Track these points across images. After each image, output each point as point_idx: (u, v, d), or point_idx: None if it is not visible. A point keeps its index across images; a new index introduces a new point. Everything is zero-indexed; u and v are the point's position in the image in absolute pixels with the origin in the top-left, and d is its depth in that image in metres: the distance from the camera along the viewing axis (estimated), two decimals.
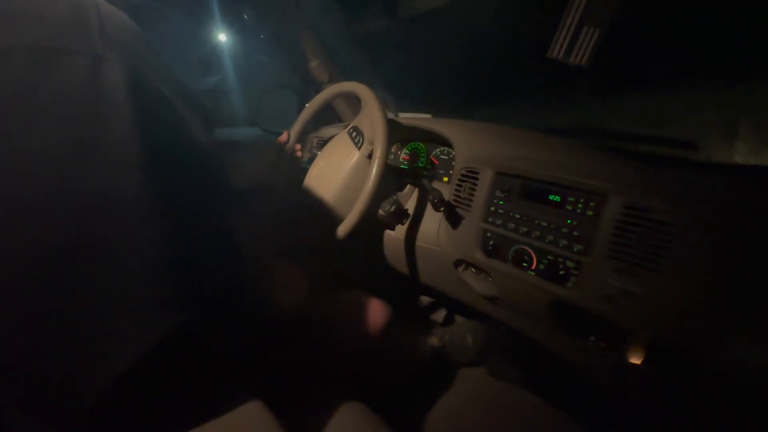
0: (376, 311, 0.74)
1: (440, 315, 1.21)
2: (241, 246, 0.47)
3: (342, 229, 0.69)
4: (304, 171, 0.86)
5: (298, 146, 0.91)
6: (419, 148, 0.97)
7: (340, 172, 0.75)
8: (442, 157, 0.93)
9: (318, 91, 0.88)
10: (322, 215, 0.77)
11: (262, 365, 0.54)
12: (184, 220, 0.32)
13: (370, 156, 0.67)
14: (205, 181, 0.36)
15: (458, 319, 1.21)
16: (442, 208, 0.70)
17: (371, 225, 0.87)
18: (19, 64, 0.26)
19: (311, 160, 0.87)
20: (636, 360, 0.55)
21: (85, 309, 0.27)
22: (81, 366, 0.28)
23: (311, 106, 0.87)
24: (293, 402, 0.56)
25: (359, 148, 0.72)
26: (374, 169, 0.65)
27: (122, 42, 0.30)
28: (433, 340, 1.07)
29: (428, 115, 1.07)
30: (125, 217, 0.28)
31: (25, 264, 0.26)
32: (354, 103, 1.13)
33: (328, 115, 1.14)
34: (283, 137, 0.89)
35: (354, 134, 0.75)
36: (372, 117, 0.67)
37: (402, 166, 1.00)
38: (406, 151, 1.01)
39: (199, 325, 0.37)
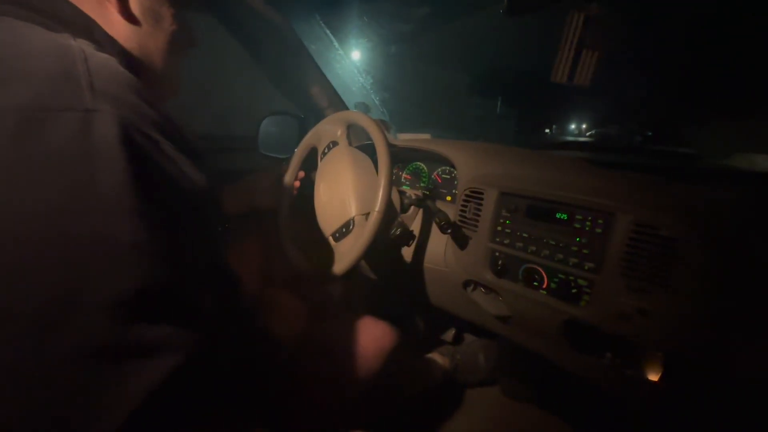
0: (380, 334, 0.73)
1: (450, 334, 1.20)
2: (238, 278, 0.47)
3: (338, 269, 0.68)
4: (304, 197, 0.86)
5: (302, 173, 0.91)
6: (420, 168, 0.98)
7: (348, 185, 0.74)
8: (444, 176, 0.93)
9: (318, 117, 0.89)
10: (318, 244, 0.77)
11: (265, 395, 0.53)
12: (179, 259, 0.32)
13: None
14: (199, 219, 0.36)
15: (468, 337, 1.20)
16: (449, 231, 0.70)
17: (378, 249, 0.87)
18: (11, 125, 0.26)
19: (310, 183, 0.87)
20: (654, 377, 0.55)
21: (80, 359, 0.27)
22: (80, 419, 0.27)
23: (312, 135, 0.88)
24: (302, 429, 0.55)
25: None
26: (373, 218, 0.65)
27: (112, 93, 0.31)
28: (444, 361, 1.05)
29: (427, 135, 1.09)
30: (120, 262, 0.28)
31: (19, 318, 0.26)
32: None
33: None
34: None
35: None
36: (378, 158, 0.68)
37: (404, 187, 1.01)
38: (408, 172, 1.01)
39: (199, 360, 0.37)
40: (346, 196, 0.73)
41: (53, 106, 0.28)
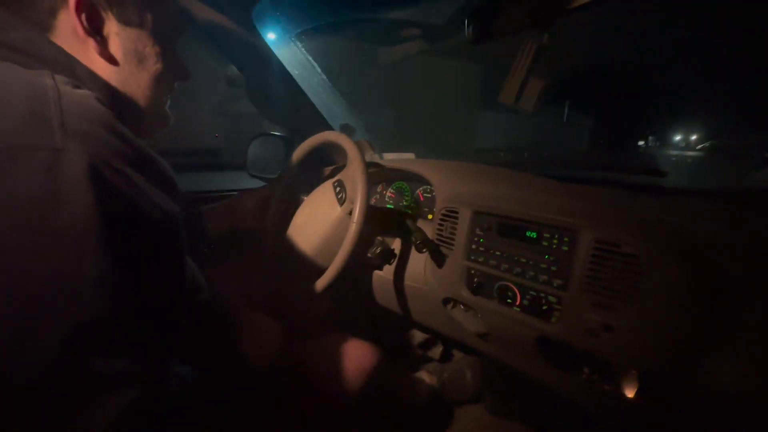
0: (362, 353, 0.73)
1: (437, 351, 1.19)
2: (212, 301, 0.48)
3: (320, 284, 0.70)
4: (289, 218, 0.88)
5: (285, 195, 0.93)
6: (403, 187, 1.00)
7: (321, 225, 0.77)
8: (426, 194, 0.95)
9: (304, 138, 0.91)
10: (302, 265, 0.78)
11: (245, 419, 0.53)
12: (142, 292, 0.33)
13: (350, 214, 0.70)
14: (169, 249, 0.37)
15: (456, 354, 1.20)
16: (424, 250, 0.72)
17: (359, 267, 0.88)
18: None
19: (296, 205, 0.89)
20: (630, 393, 0.55)
21: (42, 390, 0.27)
22: None
23: (297, 155, 0.90)
24: None
25: (341, 205, 0.75)
26: (352, 231, 0.67)
27: (83, 130, 0.31)
28: (432, 379, 1.05)
29: (411, 155, 1.11)
30: (79, 297, 0.29)
31: None
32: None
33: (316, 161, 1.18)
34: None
35: (338, 189, 0.77)
36: (354, 176, 0.70)
37: (388, 206, 1.02)
38: (392, 190, 1.03)
39: (171, 388, 0.37)
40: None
41: (22, 146, 0.28)
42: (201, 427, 0.43)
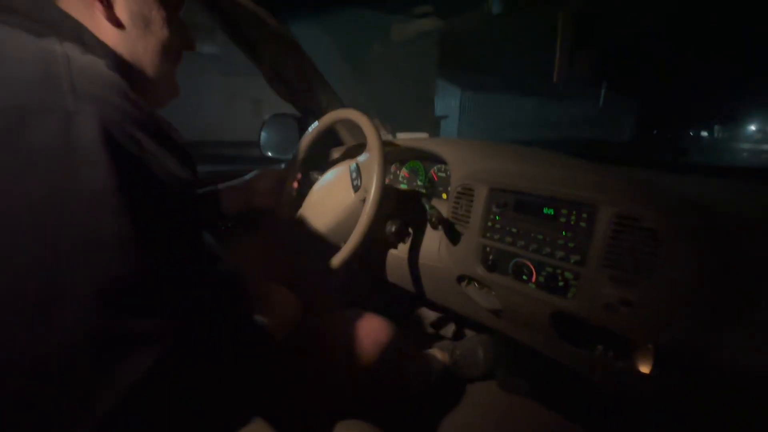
0: (377, 327, 0.74)
1: (449, 329, 1.21)
2: (231, 272, 0.49)
3: (335, 261, 0.72)
4: (304, 196, 0.89)
5: (299, 174, 0.94)
6: (418, 166, 1.00)
7: (335, 208, 0.78)
8: (440, 174, 0.95)
9: (317, 118, 0.91)
10: (316, 243, 0.80)
11: (263, 387, 0.55)
12: (162, 252, 0.34)
13: (364, 201, 0.71)
14: (182, 212, 0.37)
15: (468, 332, 1.21)
16: (439, 226, 0.72)
17: (374, 244, 0.89)
18: None
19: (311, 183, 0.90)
20: (645, 369, 0.55)
21: (71, 346, 0.29)
22: (72, 404, 0.29)
23: (310, 134, 0.90)
24: (298, 423, 0.57)
25: (356, 192, 0.75)
26: (363, 221, 0.68)
27: (94, 94, 0.31)
28: (444, 356, 1.07)
29: (425, 135, 1.10)
30: (103, 255, 0.29)
31: (10, 308, 0.27)
32: (353, 126, 1.16)
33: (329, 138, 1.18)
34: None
35: (354, 175, 0.77)
36: (371, 167, 0.71)
37: (402, 185, 1.02)
38: (406, 170, 1.03)
39: (194, 351, 0.38)
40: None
41: (34, 108, 0.29)
42: (221, 390, 0.44)
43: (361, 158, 0.82)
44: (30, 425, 0.28)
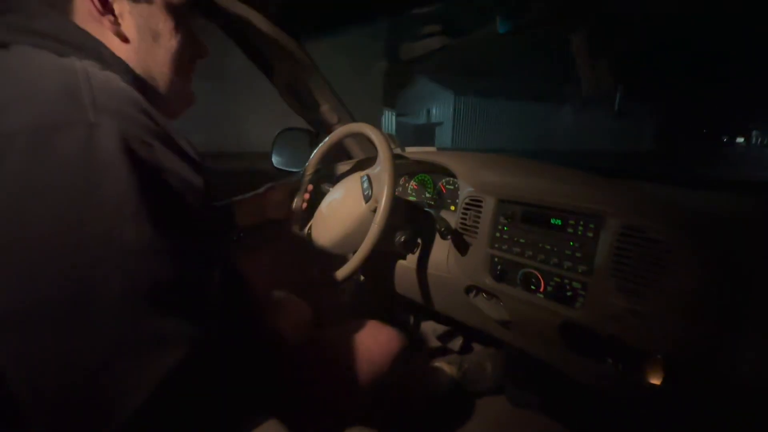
0: (387, 338, 0.75)
1: (457, 343, 1.20)
2: (245, 278, 0.50)
3: (341, 273, 0.73)
4: (315, 207, 0.91)
5: (310, 186, 0.96)
6: (426, 179, 1.02)
7: (346, 219, 0.80)
8: (448, 186, 0.97)
9: (328, 132, 0.95)
10: (325, 254, 0.81)
11: (274, 393, 0.55)
12: (181, 257, 0.35)
13: (374, 211, 0.72)
14: (197, 218, 0.39)
15: (476, 347, 1.21)
16: (449, 237, 0.73)
17: (382, 256, 0.90)
18: (22, 142, 0.29)
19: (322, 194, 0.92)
20: (656, 380, 0.55)
21: (99, 350, 0.30)
22: (93, 407, 0.30)
23: (322, 148, 0.93)
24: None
25: (366, 202, 0.77)
26: (374, 231, 0.70)
27: (113, 108, 0.33)
28: (452, 369, 1.06)
29: (433, 148, 1.13)
30: (127, 261, 0.31)
31: (41, 314, 0.28)
32: (362, 141, 1.20)
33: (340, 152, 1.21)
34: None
35: (365, 185, 0.80)
36: (382, 177, 0.73)
37: (411, 198, 1.04)
38: (414, 182, 1.05)
39: (206, 352, 0.40)
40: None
41: (58, 123, 0.31)
42: (234, 394, 0.45)
43: (371, 170, 0.84)
44: (61, 425, 0.29)
